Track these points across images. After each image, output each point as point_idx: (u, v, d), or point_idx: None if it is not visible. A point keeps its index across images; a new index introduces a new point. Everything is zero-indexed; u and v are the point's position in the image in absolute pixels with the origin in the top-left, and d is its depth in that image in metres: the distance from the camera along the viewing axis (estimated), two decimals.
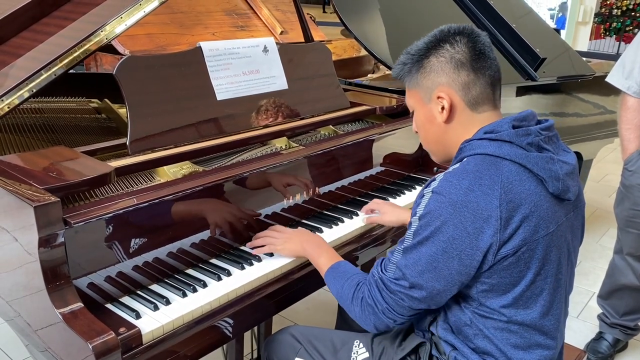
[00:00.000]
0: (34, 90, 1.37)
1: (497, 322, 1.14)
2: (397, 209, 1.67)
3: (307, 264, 1.47)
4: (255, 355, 2.22)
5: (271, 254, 1.46)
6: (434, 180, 1.13)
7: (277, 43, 1.83)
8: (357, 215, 1.71)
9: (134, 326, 1.14)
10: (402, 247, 1.14)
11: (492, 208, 1.05)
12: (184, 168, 1.50)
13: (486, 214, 1.05)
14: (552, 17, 8.63)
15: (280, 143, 1.74)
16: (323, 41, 2.66)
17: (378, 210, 1.67)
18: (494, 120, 1.16)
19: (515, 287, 1.11)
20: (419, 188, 1.98)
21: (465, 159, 1.13)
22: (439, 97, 1.17)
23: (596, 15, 10.08)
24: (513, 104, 2.66)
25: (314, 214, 1.72)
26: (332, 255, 1.38)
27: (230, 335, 1.32)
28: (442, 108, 1.18)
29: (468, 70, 1.15)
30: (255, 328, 2.06)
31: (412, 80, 1.22)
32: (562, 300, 1.20)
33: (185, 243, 1.36)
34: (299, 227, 1.60)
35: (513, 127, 1.13)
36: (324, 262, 1.36)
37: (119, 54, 1.94)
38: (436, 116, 1.19)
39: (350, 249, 1.61)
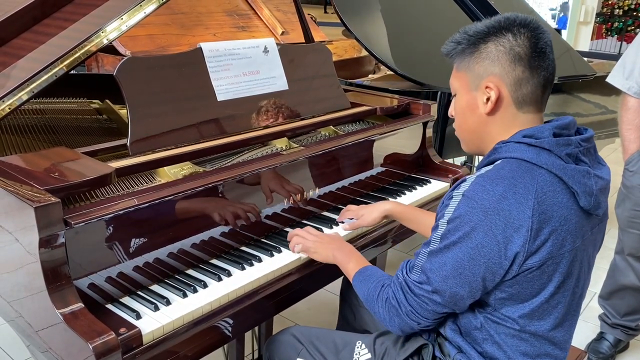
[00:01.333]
0: (35, 91, 1.37)
1: (509, 329, 1.13)
2: (371, 207, 1.63)
3: (308, 264, 1.48)
4: (256, 356, 2.22)
5: (271, 254, 1.47)
6: (464, 181, 1.10)
7: (277, 44, 1.83)
8: None
9: (135, 326, 1.14)
10: (428, 249, 1.12)
11: (525, 218, 1.02)
12: (185, 169, 1.50)
13: (517, 224, 1.02)
14: (553, 17, 8.61)
15: (280, 143, 1.74)
16: (324, 41, 2.67)
17: (354, 217, 1.64)
18: (535, 124, 1.13)
19: (534, 298, 1.09)
20: (419, 188, 1.98)
21: (499, 162, 1.10)
22: (487, 87, 1.12)
23: (598, 15, 10.05)
24: None
25: (315, 214, 1.72)
26: (361, 261, 1.37)
27: (231, 335, 1.33)
28: (488, 99, 1.12)
29: (524, 67, 1.09)
30: (256, 328, 2.06)
31: (462, 63, 1.16)
32: (576, 312, 1.19)
33: (185, 243, 1.36)
34: (332, 232, 1.59)
35: (554, 134, 1.09)
36: (352, 267, 1.35)
37: (120, 54, 1.95)
38: (479, 106, 1.14)
39: None
